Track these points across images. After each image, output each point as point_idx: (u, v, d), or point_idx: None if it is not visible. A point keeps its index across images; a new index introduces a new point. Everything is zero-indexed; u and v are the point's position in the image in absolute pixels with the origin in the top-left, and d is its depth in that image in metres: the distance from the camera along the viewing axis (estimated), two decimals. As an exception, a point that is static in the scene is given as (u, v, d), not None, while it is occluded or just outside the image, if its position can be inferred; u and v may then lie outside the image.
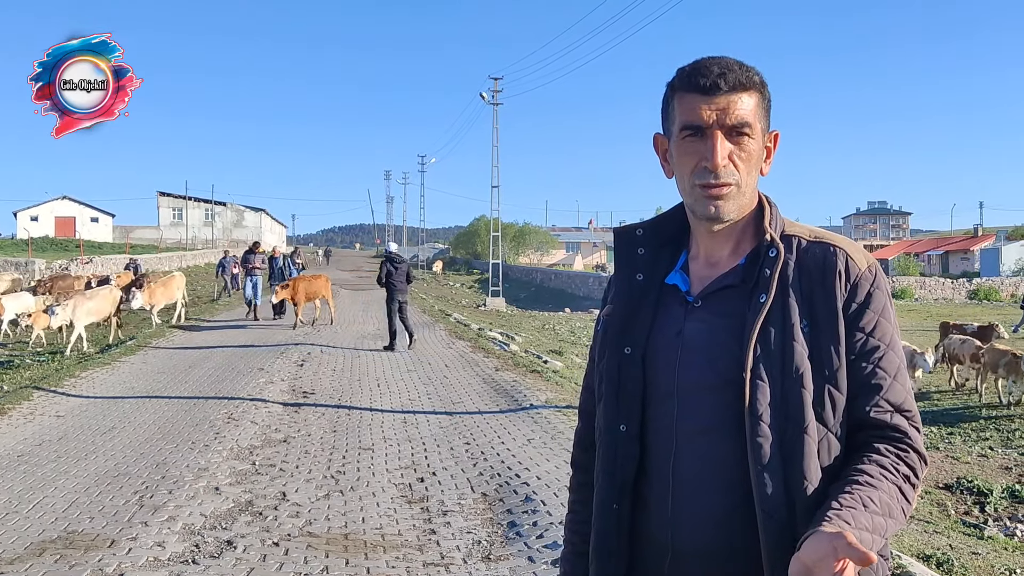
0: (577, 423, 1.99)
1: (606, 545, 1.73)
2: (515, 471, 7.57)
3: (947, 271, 71.18)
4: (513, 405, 10.87)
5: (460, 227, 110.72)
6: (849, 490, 1.49)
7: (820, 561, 1.32)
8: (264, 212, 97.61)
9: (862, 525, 1.42)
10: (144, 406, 10.78)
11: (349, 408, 10.78)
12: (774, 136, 1.73)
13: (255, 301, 23.22)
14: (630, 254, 1.82)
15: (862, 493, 1.48)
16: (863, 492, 1.48)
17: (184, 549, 5.65)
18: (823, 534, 1.36)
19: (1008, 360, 13.34)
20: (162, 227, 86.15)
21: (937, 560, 5.65)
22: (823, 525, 1.40)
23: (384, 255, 18.36)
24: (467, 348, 17.52)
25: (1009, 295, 45.82)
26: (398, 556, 5.58)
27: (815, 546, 1.35)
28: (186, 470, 7.63)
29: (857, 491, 1.48)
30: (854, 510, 1.44)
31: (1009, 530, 7.95)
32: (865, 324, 1.61)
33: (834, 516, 1.42)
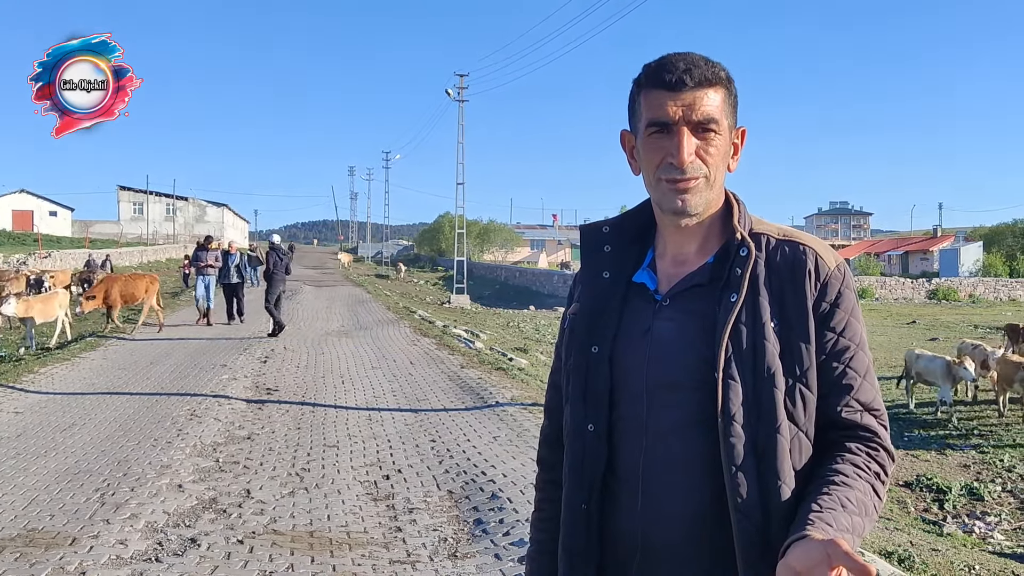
0: (543, 421, 1.98)
1: (575, 545, 1.72)
2: (481, 468, 7.57)
3: (907, 271, 71.99)
4: (479, 403, 10.86)
5: (424, 224, 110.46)
6: (827, 491, 1.49)
7: (813, 569, 1.31)
8: (227, 207, 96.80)
9: (842, 526, 1.43)
10: (105, 402, 10.65)
11: (313, 405, 10.72)
12: (741, 132, 1.72)
13: (208, 304, 21.18)
14: (596, 252, 1.81)
15: (839, 493, 1.49)
16: (840, 492, 1.49)
17: (147, 547, 5.59)
18: (814, 541, 1.35)
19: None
20: (122, 222, 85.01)
21: (899, 557, 5.72)
22: (808, 530, 1.39)
23: (268, 247, 19.63)
24: (432, 345, 17.48)
25: (967, 295, 46.47)
26: (364, 554, 5.56)
27: (807, 553, 1.34)
28: (148, 467, 7.55)
29: (834, 491, 1.49)
30: (834, 511, 1.45)
31: (967, 527, 8.09)
32: (836, 324, 1.61)
33: (816, 519, 1.42)
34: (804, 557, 1.33)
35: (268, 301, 18.39)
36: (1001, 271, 55.12)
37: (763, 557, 1.52)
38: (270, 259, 18.75)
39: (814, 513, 1.44)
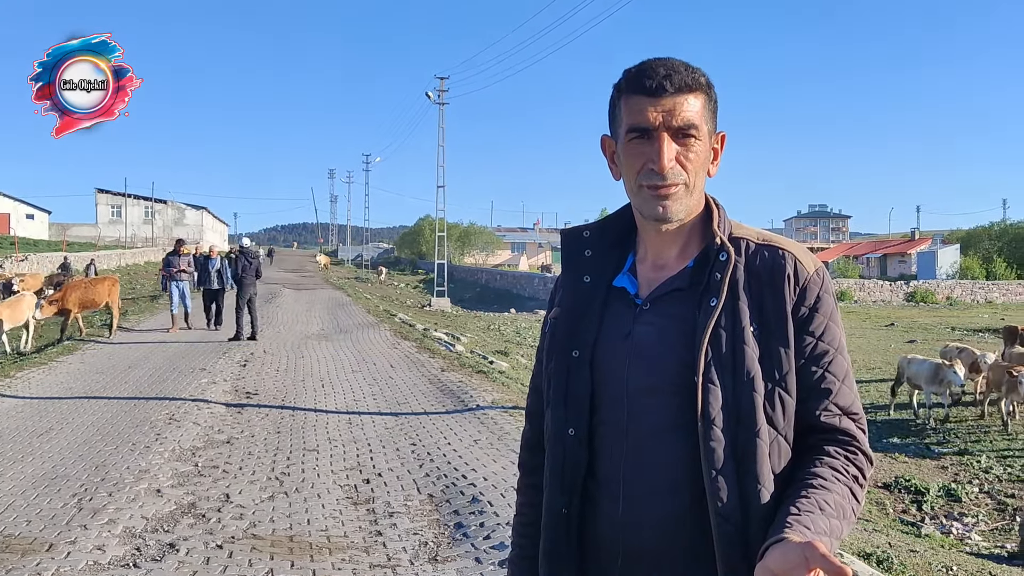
0: (525, 425, 1.98)
1: (556, 549, 1.72)
2: (462, 472, 7.56)
3: (885, 274, 72.52)
4: (459, 406, 10.85)
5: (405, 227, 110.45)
6: (805, 494, 1.50)
7: (791, 571, 1.31)
8: (206, 210, 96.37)
9: (820, 529, 1.43)
10: (82, 407, 10.57)
11: (293, 409, 10.68)
12: (721, 137, 1.73)
13: (185, 309, 20.69)
14: (577, 256, 1.81)
15: (818, 496, 1.49)
16: (818, 495, 1.49)
17: (125, 553, 5.55)
18: (792, 544, 1.35)
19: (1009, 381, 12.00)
20: (100, 225, 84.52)
21: (877, 558, 5.75)
22: (787, 532, 1.40)
23: (237, 250, 19.57)
24: (412, 348, 17.44)
25: (945, 297, 46.81)
26: (344, 558, 5.54)
27: (784, 555, 1.34)
28: (126, 472, 7.50)
29: (813, 495, 1.49)
30: (812, 514, 1.45)
31: (945, 528, 8.14)
32: (815, 328, 1.62)
33: (794, 522, 1.42)
34: (782, 559, 1.33)
35: (238, 307, 18.42)
36: (978, 273, 55.57)
37: (743, 560, 1.52)
38: (239, 263, 18.81)
39: (792, 516, 1.44)
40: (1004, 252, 59.35)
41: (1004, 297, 48.03)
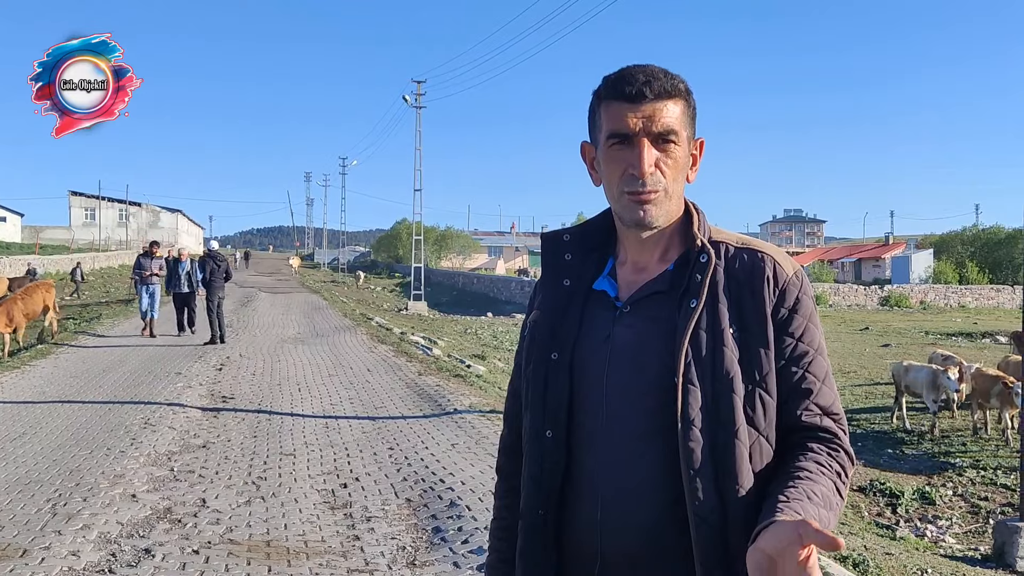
0: (502, 429, 1.98)
1: (534, 553, 1.72)
2: (439, 476, 7.55)
3: (860, 278, 73.04)
4: (437, 410, 10.84)
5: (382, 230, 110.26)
6: (792, 484, 1.50)
7: (784, 549, 1.31)
8: (180, 213, 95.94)
9: (810, 514, 1.43)
10: (56, 411, 10.48)
11: (269, 413, 10.63)
12: (700, 143, 1.74)
13: (152, 314, 19.60)
14: (557, 259, 1.81)
15: (805, 486, 1.50)
16: (806, 485, 1.50)
17: (100, 558, 5.50)
18: (784, 523, 1.35)
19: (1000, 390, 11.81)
20: (74, 228, 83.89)
21: (853, 561, 5.80)
22: (778, 516, 1.40)
23: (206, 253, 19.69)
24: (389, 352, 17.41)
25: (918, 302, 47.21)
26: (322, 563, 5.52)
27: (777, 535, 1.34)
28: (101, 477, 7.44)
29: (800, 484, 1.50)
30: (801, 501, 1.45)
31: (919, 531, 8.21)
32: (795, 329, 1.63)
33: (784, 507, 1.42)
34: (775, 539, 1.33)
35: (209, 310, 18.45)
36: (951, 278, 56.03)
37: (721, 561, 1.53)
38: (207, 266, 18.85)
39: (782, 502, 1.45)
40: (976, 257, 59.88)
41: (976, 301, 48.49)
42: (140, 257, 20.37)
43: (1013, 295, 47.64)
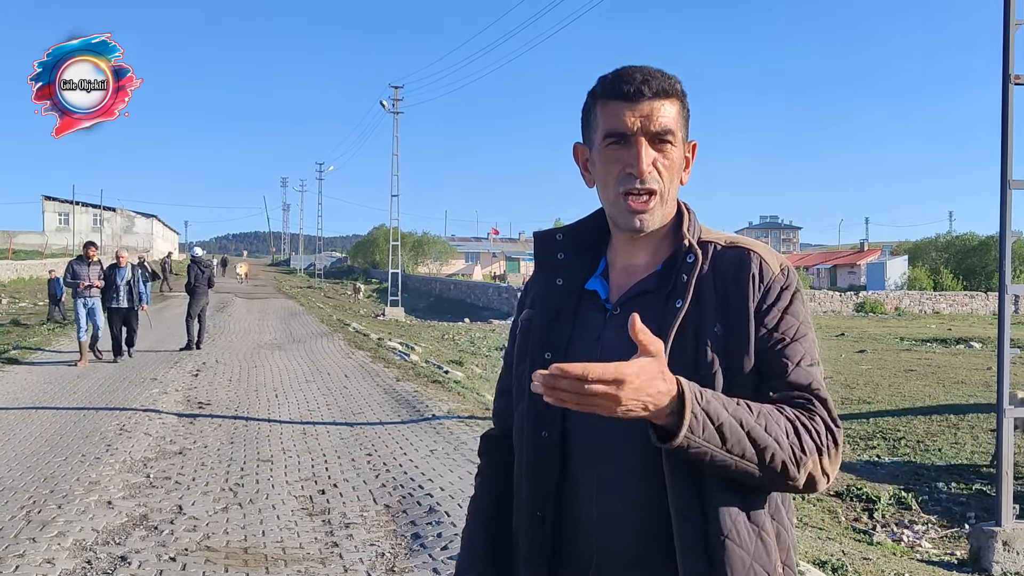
0: (495, 402, 1.99)
1: (532, 552, 1.72)
2: (418, 482, 7.52)
3: (835, 284, 73.49)
4: (415, 416, 10.81)
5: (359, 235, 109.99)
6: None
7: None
8: (156, 218, 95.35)
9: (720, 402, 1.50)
10: (30, 417, 10.37)
11: (247, 419, 10.56)
12: (693, 146, 1.75)
13: (96, 332, 15.97)
14: (550, 258, 1.82)
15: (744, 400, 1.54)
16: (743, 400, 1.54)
17: (75, 566, 5.44)
18: None
19: None
20: (47, 233, 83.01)
21: (832, 566, 5.81)
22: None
23: (191, 259, 19.63)
24: (367, 358, 17.36)
25: (893, 308, 47.51)
26: (300, 570, 5.48)
27: None
28: (76, 484, 7.36)
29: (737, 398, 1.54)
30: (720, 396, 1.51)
31: (896, 536, 8.25)
32: (769, 320, 1.63)
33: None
34: None
35: (190, 315, 18.50)
36: (925, 284, 56.49)
37: (703, 558, 1.54)
38: (191, 272, 18.78)
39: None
40: (951, 263, 60.38)
41: (951, 308, 48.85)
42: (73, 263, 16.05)
43: (987, 301, 47.97)
